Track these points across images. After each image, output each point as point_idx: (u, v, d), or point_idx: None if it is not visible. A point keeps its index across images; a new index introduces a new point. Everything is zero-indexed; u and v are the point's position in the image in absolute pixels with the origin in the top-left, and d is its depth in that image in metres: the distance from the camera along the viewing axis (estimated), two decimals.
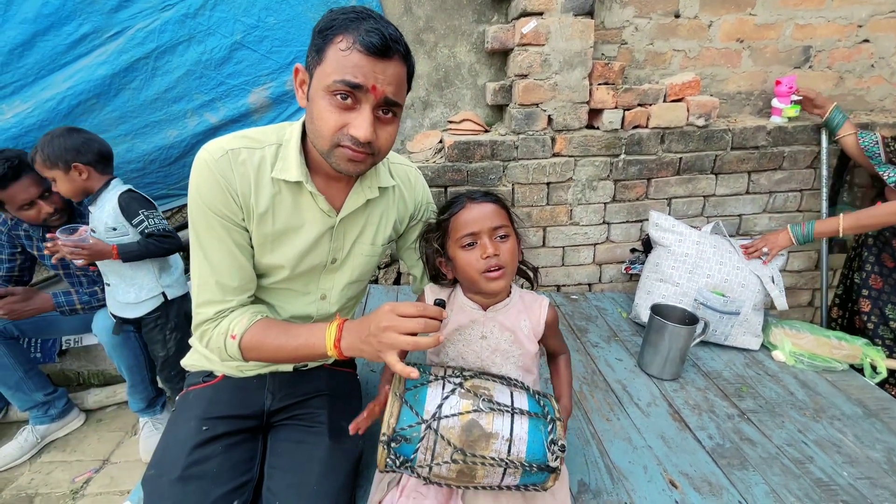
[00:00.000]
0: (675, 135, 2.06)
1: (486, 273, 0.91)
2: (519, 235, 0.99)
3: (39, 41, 1.85)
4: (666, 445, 1.30)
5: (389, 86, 0.80)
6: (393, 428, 0.82)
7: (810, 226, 1.77)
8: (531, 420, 0.87)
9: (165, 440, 0.99)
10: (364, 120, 0.79)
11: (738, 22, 2.14)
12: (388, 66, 0.79)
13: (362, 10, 0.79)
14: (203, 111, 2.06)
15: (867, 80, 2.28)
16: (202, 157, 0.86)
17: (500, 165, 2.03)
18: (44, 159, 1.54)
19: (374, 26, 0.76)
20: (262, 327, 0.92)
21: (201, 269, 0.91)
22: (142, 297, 1.73)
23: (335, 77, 0.76)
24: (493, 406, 0.86)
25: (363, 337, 0.82)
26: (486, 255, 0.90)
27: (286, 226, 0.94)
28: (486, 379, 0.94)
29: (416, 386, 0.89)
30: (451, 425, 0.83)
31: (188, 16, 1.89)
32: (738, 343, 1.76)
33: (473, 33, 2.09)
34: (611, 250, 2.26)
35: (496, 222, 0.92)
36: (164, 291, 1.77)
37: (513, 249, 0.94)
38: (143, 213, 1.63)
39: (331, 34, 0.77)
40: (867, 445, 1.31)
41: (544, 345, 1.09)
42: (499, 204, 0.96)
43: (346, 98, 0.78)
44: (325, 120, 0.80)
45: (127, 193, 1.67)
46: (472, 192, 0.97)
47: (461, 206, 0.94)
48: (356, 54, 0.76)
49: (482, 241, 0.91)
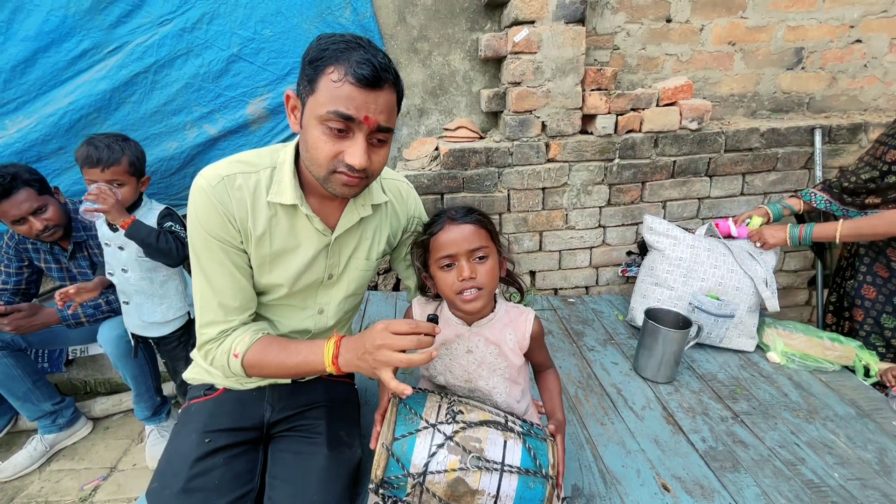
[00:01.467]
0: (668, 138, 2.08)
1: (460, 294, 0.93)
2: (502, 252, 1.00)
3: (41, 58, 1.88)
4: (659, 449, 1.32)
5: (381, 114, 0.82)
6: (380, 478, 0.84)
7: (809, 229, 1.74)
8: (521, 478, 0.86)
9: (168, 453, 1.02)
10: (359, 148, 0.82)
11: (729, 25, 2.16)
12: (380, 95, 0.81)
13: (352, 38, 0.81)
14: (202, 123, 2.09)
15: (860, 80, 2.29)
16: (199, 185, 0.89)
17: (496, 172, 2.05)
18: (131, 162, 1.58)
19: (365, 57, 0.78)
20: (264, 345, 0.95)
21: (203, 291, 0.94)
22: (169, 315, 1.74)
23: (328, 108, 0.78)
24: (480, 465, 0.85)
25: (359, 354, 0.85)
26: (462, 278, 0.91)
27: (283, 247, 0.97)
28: (479, 426, 0.91)
29: (405, 435, 0.88)
30: (437, 480, 0.84)
31: (185, 30, 1.92)
32: (732, 345, 1.78)
33: (467, 41, 2.11)
34: (607, 253, 2.29)
35: (474, 244, 0.93)
36: (189, 310, 1.78)
37: (492, 270, 0.94)
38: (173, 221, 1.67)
39: (321, 65, 0.79)
40: (859, 446, 1.33)
41: (529, 359, 1.11)
42: (479, 224, 0.95)
43: (341, 130, 0.81)
44: (320, 149, 0.82)
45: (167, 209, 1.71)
46: (453, 211, 0.97)
47: (440, 227, 0.96)
48: (348, 86, 0.78)
49: (460, 263, 0.93)
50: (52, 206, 1.68)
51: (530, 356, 1.08)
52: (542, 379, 1.14)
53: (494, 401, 1.04)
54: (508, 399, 1.05)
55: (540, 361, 1.12)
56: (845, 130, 2.15)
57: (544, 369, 1.13)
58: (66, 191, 2.06)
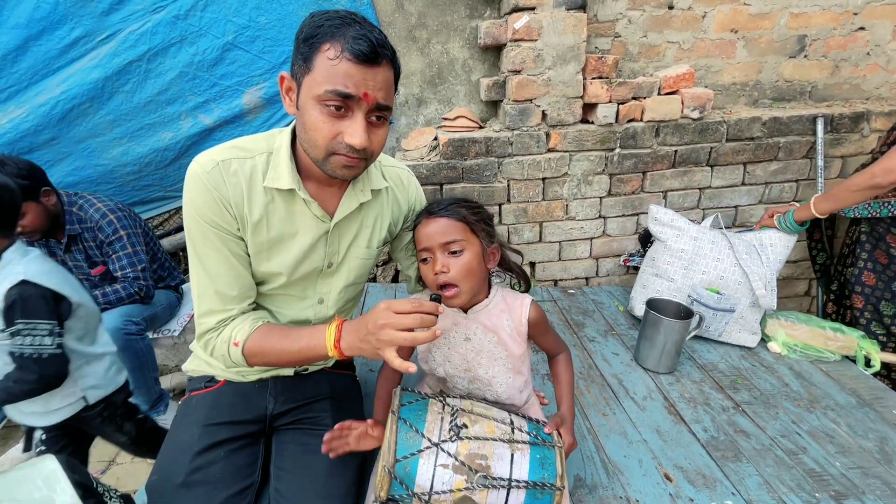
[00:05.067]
0: (669, 128, 2.06)
1: (440, 290, 0.93)
2: (491, 242, 0.98)
3: (32, 46, 1.85)
4: (661, 439, 1.32)
5: (380, 91, 0.80)
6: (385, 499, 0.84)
7: (790, 212, 1.71)
8: (529, 491, 0.85)
9: (168, 446, 1.01)
10: (358, 127, 0.80)
11: (732, 12, 2.13)
12: (378, 72, 0.79)
13: (346, 14, 0.78)
14: (197, 113, 2.06)
15: (863, 68, 2.28)
16: (194, 170, 0.87)
17: (495, 162, 2.03)
18: None
19: (361, 32, 0.76)
20: (264, 333, 0.94)
21: (200, 280, 0.92)
22: (52, 405, 1.30)
23: (326, 87, 0.76)
24: (487, 483, 0.84)
25: (361, 336, 0.83)
26: (434, 272, 0.92)
27: (281, 233, 0.95)
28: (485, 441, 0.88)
29: (407, 457, 0.85)
30: (443, 499, 0.84)
31: (179, 17, 1.89)
32: (733, 340, 1.77)
33: (466, 29, 2.08)
34: (607, 244, 2.27)
35: (447, 238, 0.92)
36: (85, 395, 1.34)
37: (466, 263, 0.92)
38: (25, 323, 1.16)
39: (317, 42, 0.77)
40: (860, 435, 1.33)
41: (538, 345, 1.10)
42: (453, 217, 0.93)
43: (339, 108, 0.79)
44: (318, 130, 0.80)
45: (23, 287, 1.17)
46: (434, 204, 0.98)
47: (419, 221, 0.96)
48: (345, 63, 0.75)
49: (434, 256, 0.93)
50: (31, 213, 1.63)
51: (536, 342, 1.07)
52: (552, 366, 1.12)
53: (495, 391, 1.03)
54: (510, 389, 1.04)
55: (548, 347, 1.10)
56: (847, 119, 2.14)
57: (555, 354, 1.11)
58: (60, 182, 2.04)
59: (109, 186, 2.13)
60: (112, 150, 2.07)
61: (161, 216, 2.50)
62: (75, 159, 2.04)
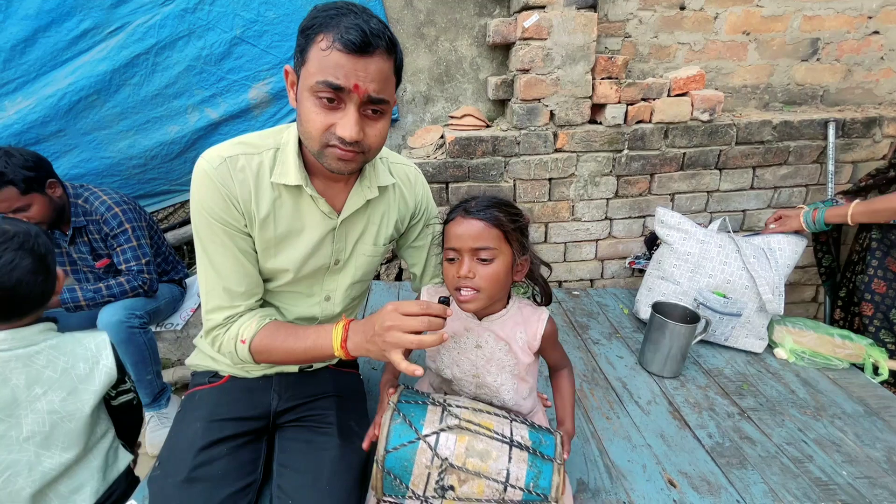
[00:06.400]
0: (678, 130, 2.04)
1: (458, 291, 0.90)
2: (523, 253, 0.93)
3: (41, 37, 1.85)
4: (665, 444, 1.30)
5: (373, 83, 0.78)
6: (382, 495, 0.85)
7: (822, 211, 1.68)
8: None
9: (171, 441, 1.01)
10: (350, 119, 0.78)
11: (744, 14, 2.11)
12: (370, 62, 0.76)
13: (343, 4, 0.77)
14: (204, 107, 2.06)
15: (876, 72, 2.25)
16: (201, 167, 0.86)
17: (502, 161, 2.02)
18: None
19: (354, 22, 0.74)
20: (271, 331, 0.93)
21: (208, 276, 0.92)
22: None
23: (317, 78, 0.75)
24: None
25: (368, 336, 0.82)
26: (459, 275, 0.88)
27: (288, 230, 0.94)
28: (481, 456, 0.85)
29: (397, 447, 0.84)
30: None
31: (188, 10, 1.89)
32: (739, 345, 1.75)
33: (475, 27, 2.06)
34: (613, 246, 2.26)
35: (479, 243, 0.87)
36: None
37: (494, 273, 0.88)
38: None
39: (312, 33, 0.76)
40: (867, 444, 1.31)
41: (544, 357, 1.08)
42: (490, 222, 0.88)
43: (332, 100, 0.77)
44: (311, 121, 0.79)
45: None
46: (472, 202, 0.92)
47: (453, 217, 0.92)
48: (336, 53, 0.74)
49: (462, 259, 0.89)
50: (37, 205, 1.63)
51: (543, 355, 1.06)
52: (555, 379, 1.11)
53: (502, 397, 1.02)
54: (516, 396, 1.03)
55: (554, 362, 1.09)
56: (859, 124, 2.11)
57: (559, 369, 1.10)
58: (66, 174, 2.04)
59: (115, 179, 2.13)
60: (118, 142, 2.07)
61: (166, 210, 2.49)
62: (81, 151, 2.04)
